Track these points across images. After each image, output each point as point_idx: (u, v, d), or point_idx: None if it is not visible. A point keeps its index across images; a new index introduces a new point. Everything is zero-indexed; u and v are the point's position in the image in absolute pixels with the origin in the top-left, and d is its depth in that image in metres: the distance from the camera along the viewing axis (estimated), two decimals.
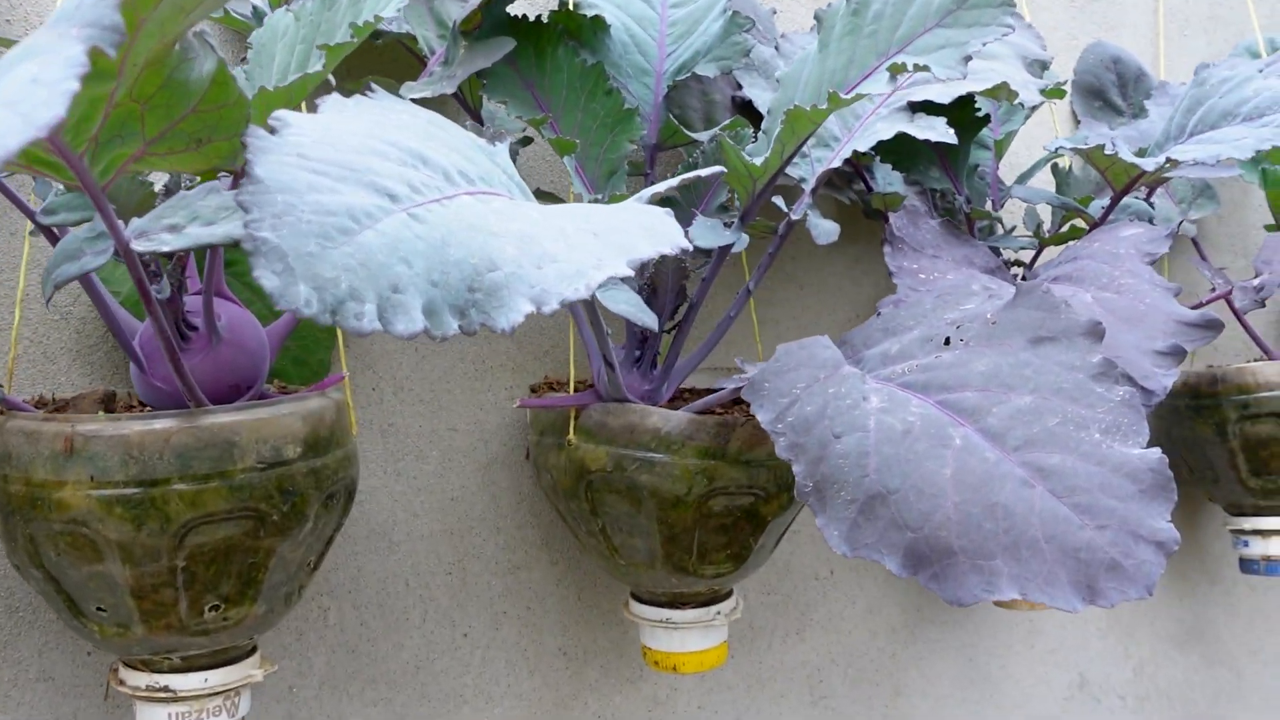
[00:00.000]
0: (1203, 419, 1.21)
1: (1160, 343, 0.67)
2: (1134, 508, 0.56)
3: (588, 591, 1.01)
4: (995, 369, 0.62)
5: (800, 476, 0.59)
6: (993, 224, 0.95)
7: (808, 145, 0.90)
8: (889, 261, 0.77)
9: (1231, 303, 1.31)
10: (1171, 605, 1.35)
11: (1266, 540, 1.23)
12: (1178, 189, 1.33)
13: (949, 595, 0.56)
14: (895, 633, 1.16)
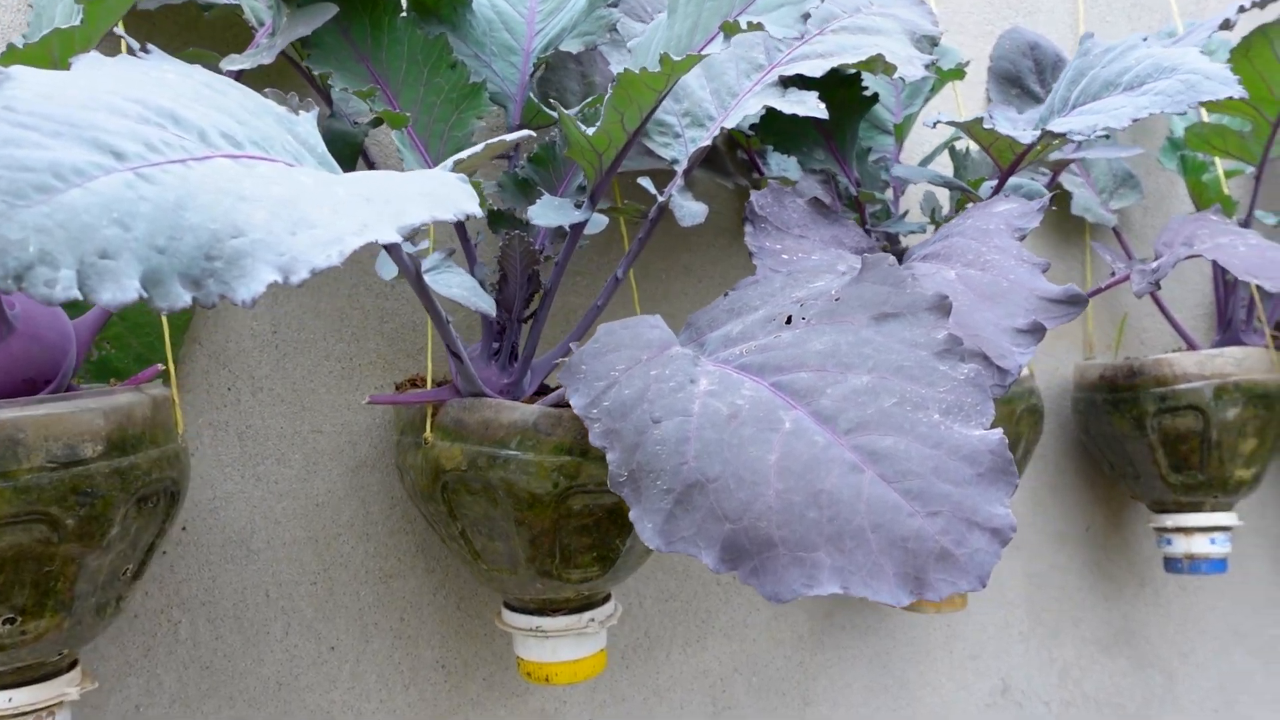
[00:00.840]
0: (1121, 413, 1.17)
1: (1020, 320, 0.62)
2: (970, 493, 0.52)
3: (468, 600, 0.96)
4: (834, 348, 0.57)
5: (614, 465, 0.55)
6: (886, 207, 0.91)
7: (682, 125, 0.86)
8: (749, 241, 0.73)
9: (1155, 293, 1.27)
10: (1098, 607, 1.30)
11: (1189, 538, 1.19)
12: (1099, 178, 1.30)
13: (767, 591, 0.51)
14: (803, 640, 1.11)
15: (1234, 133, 1.16)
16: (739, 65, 0.87)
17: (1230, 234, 0.90)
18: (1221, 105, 1.14)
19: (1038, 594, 1.26)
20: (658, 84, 0.64)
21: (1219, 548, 1.18)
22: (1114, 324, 1.34)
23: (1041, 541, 1.27)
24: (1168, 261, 0.85)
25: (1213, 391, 1.12)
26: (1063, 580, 1.28)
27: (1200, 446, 1.14)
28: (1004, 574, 1.24)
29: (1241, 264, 0.81)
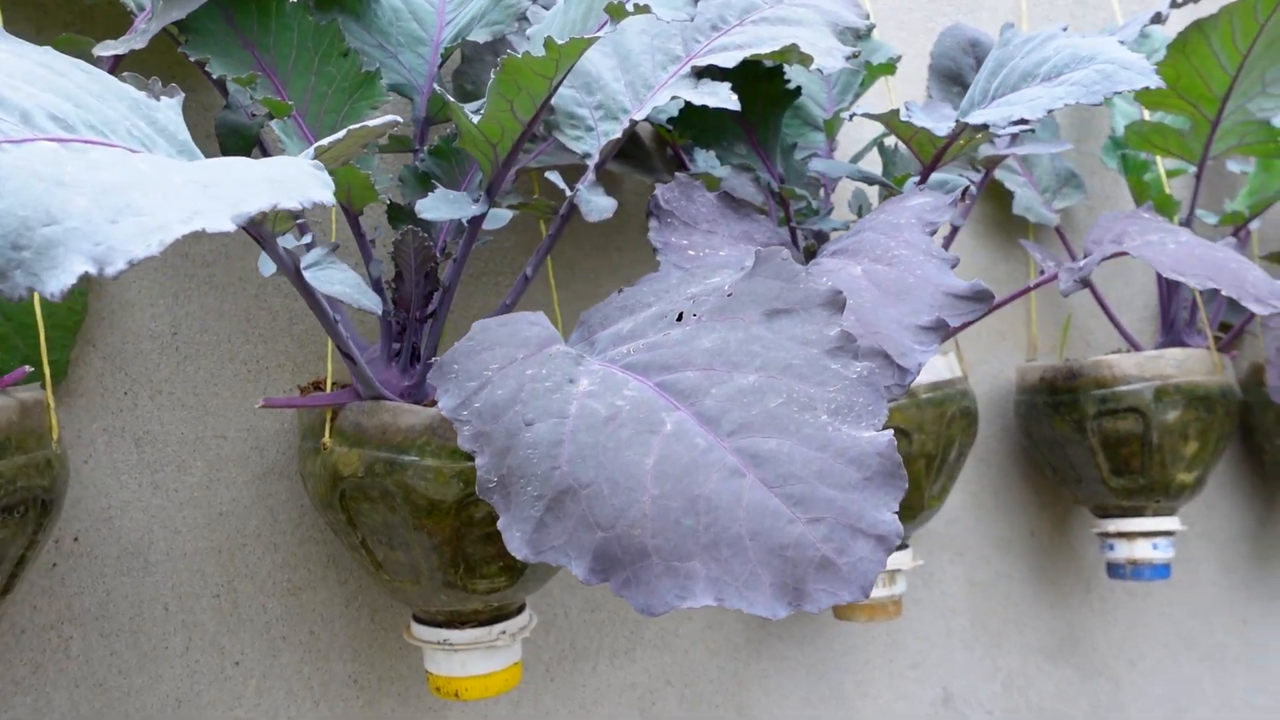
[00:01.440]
0: (1061, 416, 1.14)
1: (924, 317, 0.60)
2: (855, 498, 0.49)
3: (382, 613, 0.93)
4: (722, 345, 0.55)
5: (483, 471, 0.51)
6: (809, 204, 0.88)
7: (595, 119, 0.83)
8: (653, 237, 0.70)
9: (1095, 289, 1.25)
10: (1043, 614, 1.28)
11: (1131, 543, 1.17)
12: (1041, 177, 1.28)
13: (639, 604, 0.48)
14: (738, 650, 1.08)
15: (1174, 131, 1.14)
16: (655, 57, 0.84)
17: (1161, 231, 0.87)
18: (1162, 103, 1.12)
19: (981, 601, 1.24)
20: (546, 70, 0.61)
21: (1162, 553, 1.16)
22: (1059, 325, 1.32)
23: (985, 547, 1.24)
24: (1093, 260, 0.83)
25: (1153, 393, 1.10)
26: (1007, 587, 1.26)
27: (1141, 450, 1.11)
28: (946, 581, 1.21)
29: (1169, 261, 0.78)
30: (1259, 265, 1.35)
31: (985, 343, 1.26)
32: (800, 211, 0.92)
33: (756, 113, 0.88)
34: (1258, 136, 1.12)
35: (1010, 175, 1.25)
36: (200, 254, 0.87)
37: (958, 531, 1.23)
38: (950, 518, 1.22)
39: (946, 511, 1.22)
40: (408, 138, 0.82)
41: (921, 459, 0.93)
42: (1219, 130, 1.12)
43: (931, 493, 0.96)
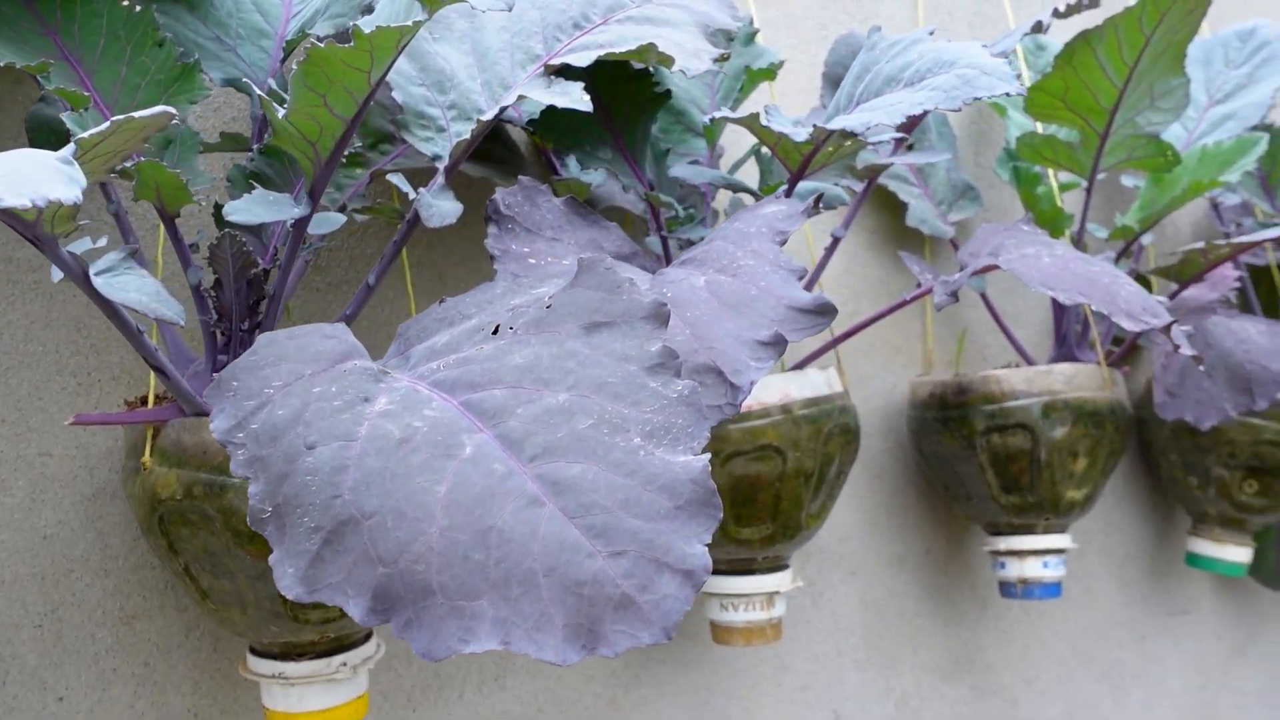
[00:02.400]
0: (950, 432, 1.12)
1: (763, 331, 0.56)
2: (663, 529, 0.45)
3: (225, 642, 0.87)
4: (535, 361, 0.50)
5: (256, 500, 0.47)
6: (677, 212, 0.84)
7: (447, 119, 0.79)
8: (490, 244, 0.66)
9: (990, 303, 1.23)
10: (938, 634, 1.26)
11: (1022, 561, 1.14)
12: (938, 189, 1.26)
13: (421, 648, 0.44)
14: (616, 675, 1.04)
15: (1064, 144, 1.12)
16: (514, 55, 0.80)
17: (1038, 245, 0.85)
18: (1052, 115, 1.11)
19: (874, 621, 1.21)
20: (359, 62, 0.56)
21: (1053, 571, 1.14)
22: (956, 340, 1.30)
23: (878, 566, 1.22)
24: (964, 274, 0.80)
25: (1041, 409, 1.08)
26: (901, 606, 1.23)
27: (1030, 466, 1.09)
28: (838, 600, 1.18)
29: (1039, 276, 0.76)
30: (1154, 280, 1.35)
31: (879, 357, 1.23)
32: (672, 220, 0.89)
33: (623, 116, 0.85)
34: (1146, 151, 1.11)
35: (905, 187, 1.23)
36: (25, 259, 0.81)
37: (851, 550, 1.20)
38: (843, 535, 1.19)
39: (839, 529, 1.19)
40: (244, 136, 0.77)
41: (799, 477, 0.89)
42: (1108, 144, 1.11)
43: (810, 511, 0.93)
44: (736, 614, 0.96)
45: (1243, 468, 1.27)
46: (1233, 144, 1.11)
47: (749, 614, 0.95)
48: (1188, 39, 1.03)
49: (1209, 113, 1.26)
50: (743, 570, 0.95)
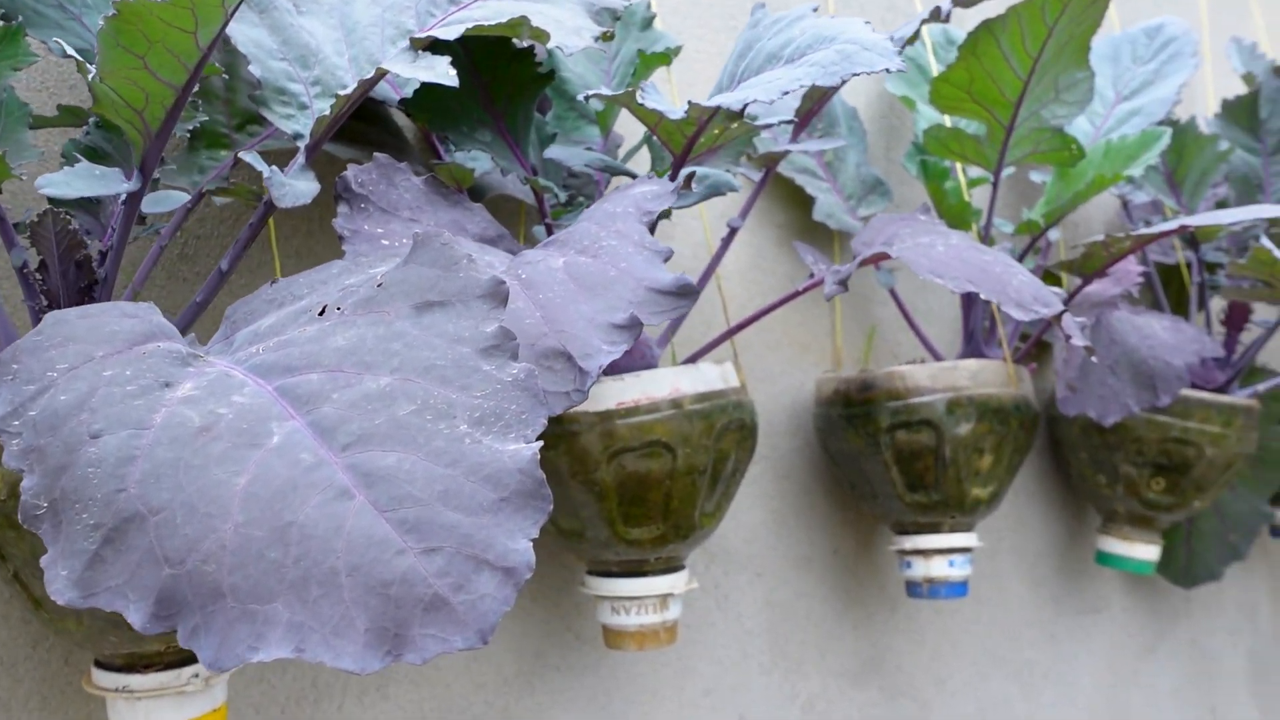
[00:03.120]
0: (855, 429, 1.10)
1: (620, 314, 0.53)
2: (485, 523, 0.41)
3: (80, 654, 0.82)
4: (358, 343, 0.46)
5: (29, 494, 0.42)
6: (559, 196, 0.80)
7: (311, 95, 0.74)
8: (340, 224, 0.61)
9: (899, 299, 1.21)
10: (846, 636, 1.23)
11: (928, 560, 1.12)
12: (846, 184, 1.24)
13: (207, 657, 0.39)
14: (508, 683, 1.00)
15: (970, 137, 1.11)
16: (385, 31, 0.76)
17: (934, 235, 0.83)
18: (957, 107, 1.09)
19: (781, 623, 1.18)
20: (182, 21, 0.52)
21: (959, 570, 1.12)
22: (866, 337, 1.28)
23: (785, 567, 1.19)
24: (853, 263, 0.78)
25: (945, 405, 1.06)
26: (808, 607, 1.21)
27: (935, 464, 1.07)
28: (744, 602, 1.15)
29: (928, 263, 0.74)
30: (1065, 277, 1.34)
31: (788, 354, 1.21)
32: (558, 208, 0.85)
33: (505, 97, 0.81)
34: (1051, 144, 1.10)
35: (813, 181, 1.21)
36: None
37: (757, 551, 1.17)
38: (748, 536, 1.16)
39: (744, 530, 1.16)
40: (84, 109, 0.72)
41: (690, 475, 0.86)
42: (1013, 137, 1.09)
43: (705, 510, 0.90)
44: (629, 617, 0.92)
45: (1150, 465, 1.26)
46: (1137, 139, 1.10)
47: (642, 617, 0.92)
48: (1091, 31, 1.02)
49: (1116, 109, 1.25)
50: (635, 572, 0.91)
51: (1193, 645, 1.60)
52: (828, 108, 1.22)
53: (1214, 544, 1.46)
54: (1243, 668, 1.68)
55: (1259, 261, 1.08)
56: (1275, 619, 1.72)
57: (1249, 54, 1.37)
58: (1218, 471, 1.26)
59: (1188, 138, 1.21)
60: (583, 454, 0.84)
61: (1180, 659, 1.59)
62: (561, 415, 0.84)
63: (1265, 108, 1.34)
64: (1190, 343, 1.10)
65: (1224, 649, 1.65)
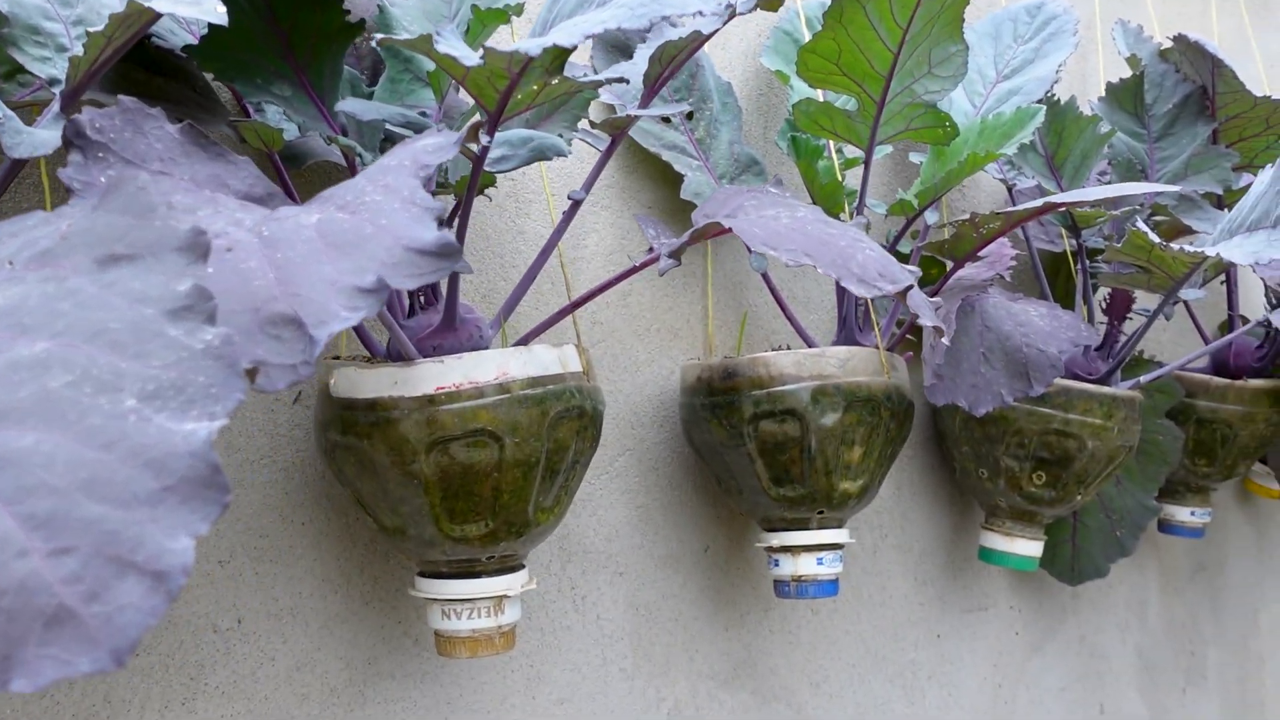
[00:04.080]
0: (718, 420, 1.04)
1: (369, 276, 0.46)
2: (138, 517, 0.34)
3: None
4: (20, 303, 0.39)
5: None
6: (364, 157, 0.73)
7: (72, 37, 0.66)
8: (71, 175, 0.53)
9: (773, 284, 1.16)
10: (717, 638, 1.17)
11: (796, 558, 1.07)
12: (719, 163, 1.17)
13: None
14: (336, 694, 0.92)
15: (841, 113, 1.05)
16: None
17: (782, 207, 0.77)
18: (826, 80, 1.03)
19: (645, 626, 1.12)
20: None
21: (828, 568, 1.07)
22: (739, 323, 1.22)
23: (651, 566, 1.13)
24: (686, 235, 0.71)
25: (810, 394, 1.00)
26: (675, 608, 1.14)
27: (801, 456, 1.02)
28: (604, 604, 1.09)
29: (762, 234, 0.68)
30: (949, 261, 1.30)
31: (656, 341, 1.15)
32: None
33: (308, 47, 0.73)
34: (925, 121, 1.05)
35: (682, 158, 1.15)
36: None
37: (619, 549, 1.10)
38: (610, 533, 1.10)
39: (606, 527, 1.09)
40: None
41: (520, 467, 0.79)
42: (885, 113, 1.04)
43: (541, 505, 0.83)
44: (460, 621, 0.85)
45: (1031, 459, 1.23)
46: (1012, 116, 1.06)
47: (475, 621, 0.85)
48: (963, 2, 0.97)
49: (997, 88, 1.21)
50: (466, 573, 0.84)
51: (1081, 642, 1.58)
52: (699, 81, 1.16)
53: (1100, 540, 1.43)
54: (1131, 664, 1.66)
55: (1135, 246, 1.05)
56: (1165, 615, 1.71)
57: (1134, 37, 1.34)
58: (1099, 465, 1.22)
59: (1068, 119, 1.18)
60: (400, 443, 0.76)
61: (1068, 657, 1.56)
62: (376, 400, 0.77)
63: (1150, 92, 1.32)
64: (1066, 330, 1.06)
65: (1113, 646, 1.63)
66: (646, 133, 1.13)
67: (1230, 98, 1.28)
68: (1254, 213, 0.99)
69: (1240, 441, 1.46)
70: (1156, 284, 1.11)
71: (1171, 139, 1.31)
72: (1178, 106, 1.31)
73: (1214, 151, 1.28)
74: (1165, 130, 1.31)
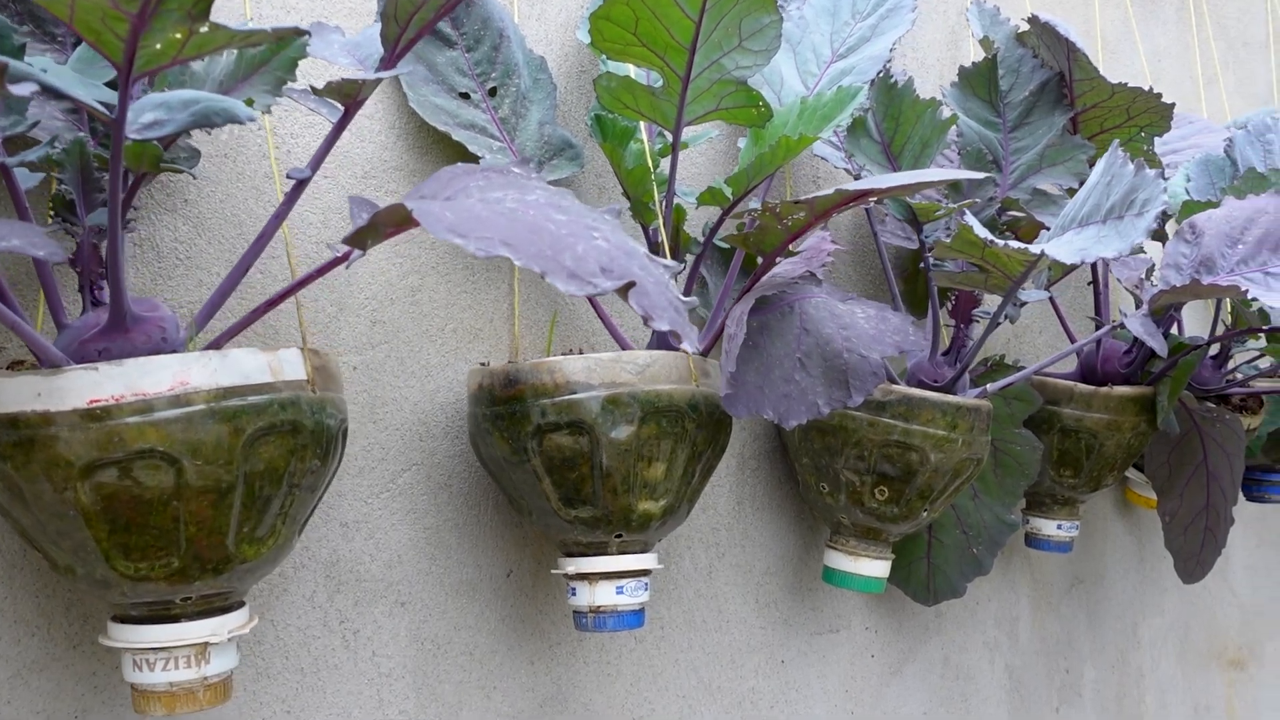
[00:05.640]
0: (500, 432, 0.92)
1: None
2: None
3: None
4: None
5: None
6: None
7: None
8: None
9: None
10: (520, 672, 1.06)
11: (593, 587, 0.96)
12: (526, 145, 1.06)
13: None
14: None
15: (644, 89, 0.94)
16: None
17: (517, 189, 0.66)
18: (625, 52, 0.92)
19: (432, 662, 1.00)
20: None
21: (629, 598, 0.96)
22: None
23: (441, 594, 1.01)
24: (363, 220, 0.59)
25: (601, 404, 0.89)
26: (471, 641, 1.03)
27: (592, 474, 0.91)
28: (381, 639, 0.97)
29: (451, 219, 0.56)
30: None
31: (452, 341, 1.03)
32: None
33: None
34: (736, 100, 0.94)
35: (481, 139, 1.03)
36: None
37: (401, 576, 0.98)
38: (391, 559, 0.98)
39: (385, 552, 0.97)
40: None
41: (206, 495, 0.67)
42: (691, 90, 0.93)
43: (250, 536, 0.71)
44: (154, 674, 0.72)
45: (873, 473, 1.13)
46: (833, 97, 0.95)
47: (172, 673, 0.72)
48: None
49: (832, 67, 1.11)
50: (159, 617, 0.72)
51: (945, 664, 1.49)
52: (504, 54, 1.04)
53: (956, 557, 1.34)
54: (1001, 685, 1.57)
55: (966, 241, 0.95)
56: (1038, 632, 1.63)
57: (990, 18, 1.25)
58: (944, 479, 1.13)
59: (905, 103, 1.08)
60: (49, 467, 0.64)
61: (930, 679, 1.47)
62: (18, 416, 0.64)
63: (1006, 79, 1.23)
64: (892, 334, 0.96)
65: (980, 666, 1.54)
66: (439, 109, 1.01)
67: (1087, 85, 1.19)
68: (1085, 207, 0.90)
69: (1106, 451, 1.38)
70: (994, 284, 1.01)
71: (1028, 128, 1.22)
72: (1034, 94, 1.22)
73: (1070, 143, 1.19)
74: (1021, 119, 1.22)
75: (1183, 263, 1.15)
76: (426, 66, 1.02)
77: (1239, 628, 2.07)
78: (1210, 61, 2.09)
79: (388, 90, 1.01)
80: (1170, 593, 1.88)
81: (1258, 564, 2.11)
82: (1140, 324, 1.11)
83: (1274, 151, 1.40)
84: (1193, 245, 1.14)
